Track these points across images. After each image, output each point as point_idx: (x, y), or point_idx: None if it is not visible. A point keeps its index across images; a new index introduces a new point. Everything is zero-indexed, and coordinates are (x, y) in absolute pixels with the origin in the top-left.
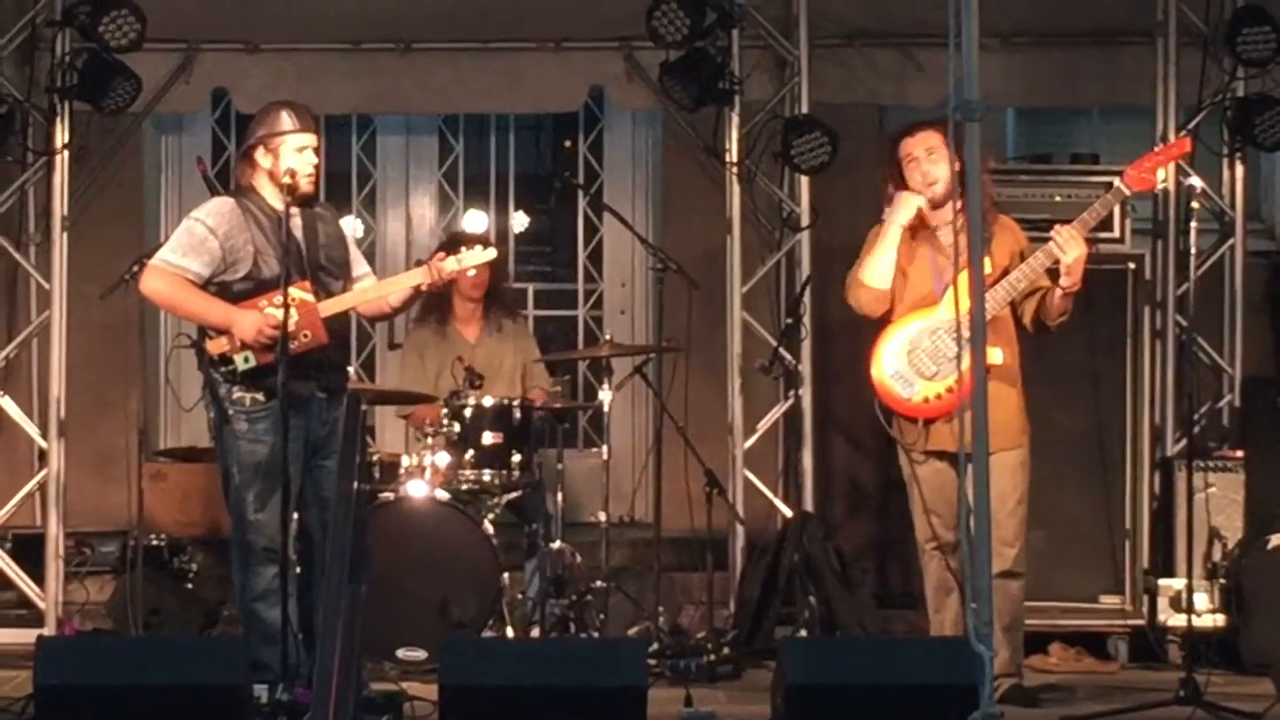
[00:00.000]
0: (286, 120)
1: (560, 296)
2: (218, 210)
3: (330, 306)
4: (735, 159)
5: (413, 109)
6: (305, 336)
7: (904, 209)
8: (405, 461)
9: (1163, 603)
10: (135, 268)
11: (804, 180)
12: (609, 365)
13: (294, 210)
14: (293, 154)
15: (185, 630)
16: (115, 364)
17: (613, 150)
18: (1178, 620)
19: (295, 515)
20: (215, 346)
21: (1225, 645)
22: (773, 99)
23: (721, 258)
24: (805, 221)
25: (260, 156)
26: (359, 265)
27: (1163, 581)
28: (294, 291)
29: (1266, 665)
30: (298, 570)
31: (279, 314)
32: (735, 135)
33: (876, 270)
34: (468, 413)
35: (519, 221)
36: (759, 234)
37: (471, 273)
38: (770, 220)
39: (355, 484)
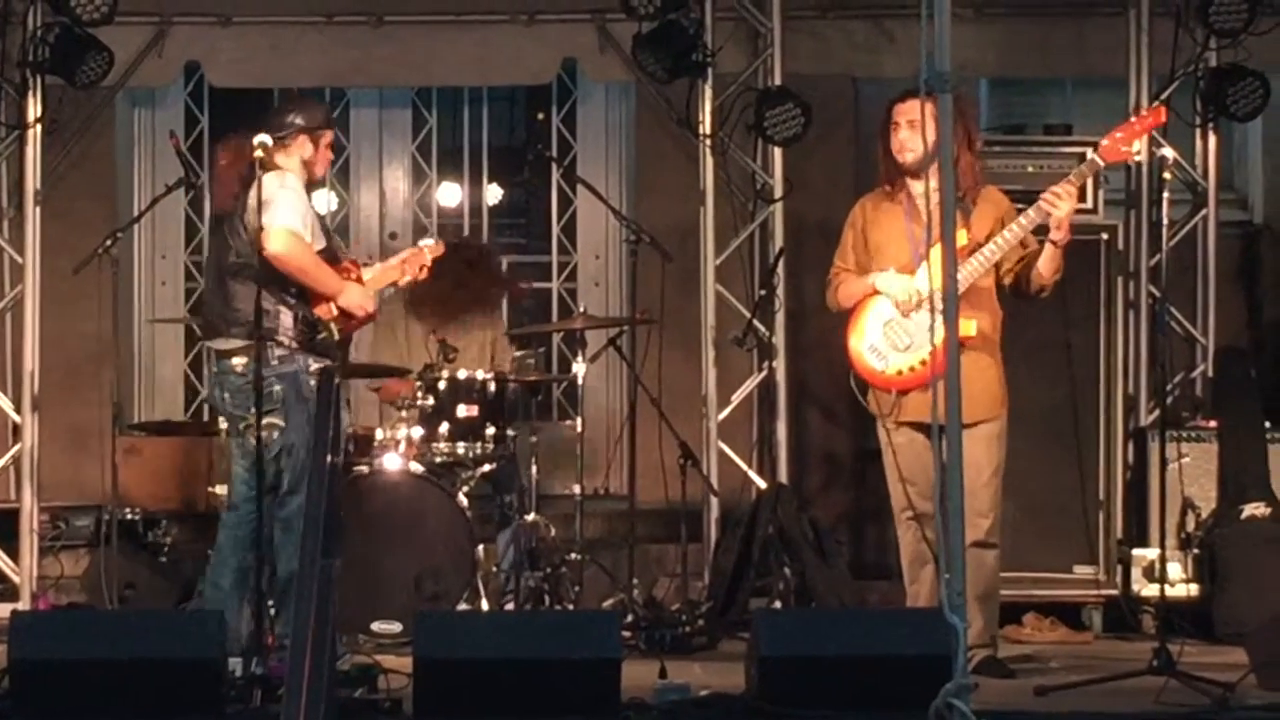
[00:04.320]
0: (330, 115)
1: (534, 269)
2: (300, 185)
3: (373, 283)
4: (708, 131)
5: (386, 82)
6: (362, 312)
7: (888, 288)
8: (379, 435)
9: (1136, 573)
10: (109, 242)
11: (777, 152)
12: (583, 338)
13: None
14: (326, 149)
15: (160, 604)
16: (89, 338)
17: (586, 123)
18: (1151, 590)
19: None
20: (324, 312)
21: (1199, 615)
22: (746, 71)
23: (695, 230)
24: (779, 193)
25: (300, 145)
26: None
27: (1136, 551)
28: (351, 268)
29: (1240, 635)
30: None
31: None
32: (708, 107)
33: (852, 301)
34: (442, 386)
35: (493, 194)
36: (732, 206)
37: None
38: (744, 192)
39: (329, 457)
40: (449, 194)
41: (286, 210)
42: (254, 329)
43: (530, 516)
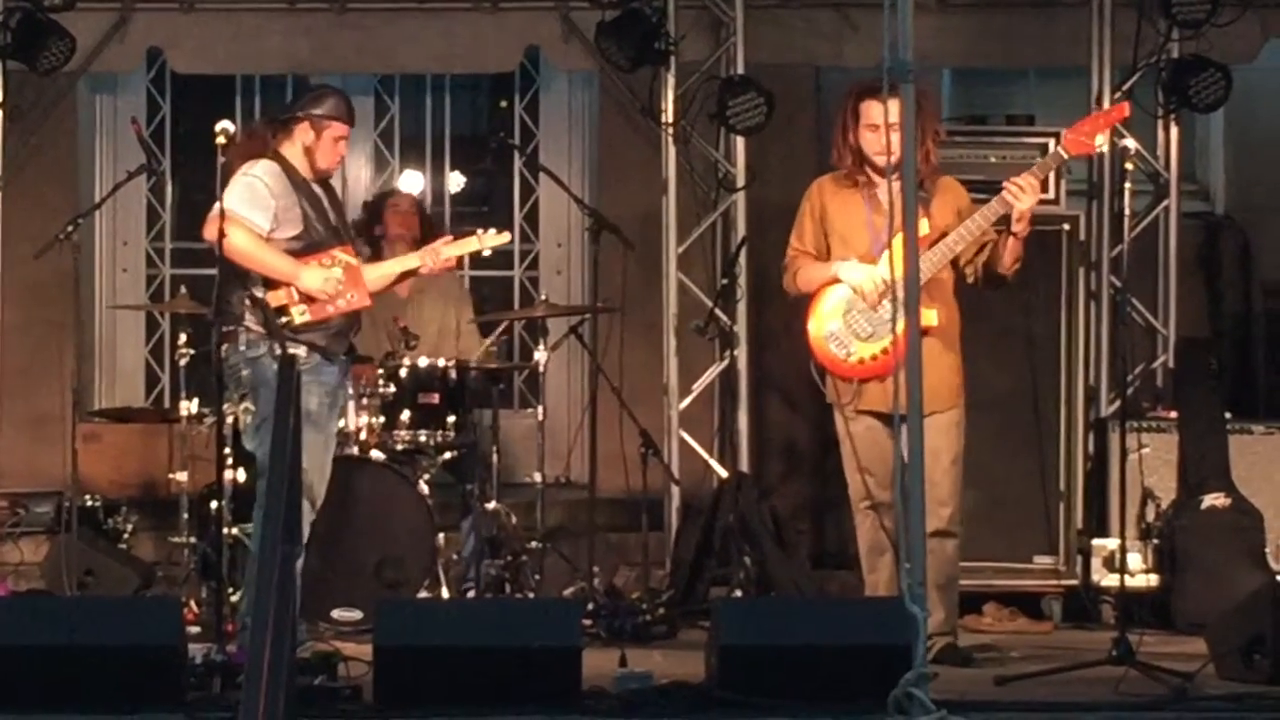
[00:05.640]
0: (341, 109)
1: (496, 257)
2: (270, 171)
3: (374, 271)
4: (671, 120)
5: (349, 69)
6: (352, 298)
7: (852, 278)
8: (340, 422)
9: (1096, 563)
10: (70, 227)
11: (740, 141)
12: (545, 326)
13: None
14: (331, 141)
15: (120, 590)
16: (50, 324)
17: (548, 111)
18: (1111, 580)
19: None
20: (276, 298)
21: (1158, 605)
22: (709, 59)
23: (657, 218)
24: (741, 182)
25: (302, 131)
26: None
27: (1096, 542)
28: (341, 254)
29: (1199, 625)
30: None
31: (338, 272)
32: (671, 96)
33: (811, 286)
34: (403, 373)
35: (455, 182)
36: (695, 195)
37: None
38: (706, 181)
39: (289, 445)
40: (411, 181)
41: (231, 195)
42: (218, 316)
43: (491, 504)
